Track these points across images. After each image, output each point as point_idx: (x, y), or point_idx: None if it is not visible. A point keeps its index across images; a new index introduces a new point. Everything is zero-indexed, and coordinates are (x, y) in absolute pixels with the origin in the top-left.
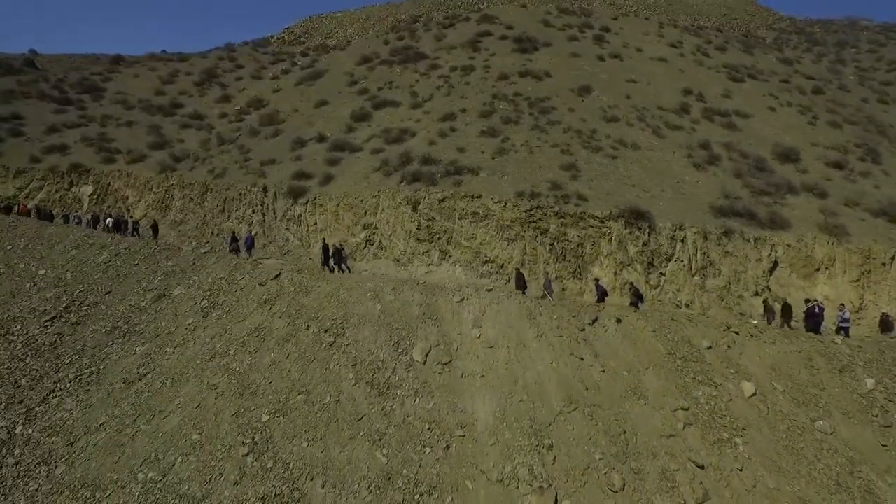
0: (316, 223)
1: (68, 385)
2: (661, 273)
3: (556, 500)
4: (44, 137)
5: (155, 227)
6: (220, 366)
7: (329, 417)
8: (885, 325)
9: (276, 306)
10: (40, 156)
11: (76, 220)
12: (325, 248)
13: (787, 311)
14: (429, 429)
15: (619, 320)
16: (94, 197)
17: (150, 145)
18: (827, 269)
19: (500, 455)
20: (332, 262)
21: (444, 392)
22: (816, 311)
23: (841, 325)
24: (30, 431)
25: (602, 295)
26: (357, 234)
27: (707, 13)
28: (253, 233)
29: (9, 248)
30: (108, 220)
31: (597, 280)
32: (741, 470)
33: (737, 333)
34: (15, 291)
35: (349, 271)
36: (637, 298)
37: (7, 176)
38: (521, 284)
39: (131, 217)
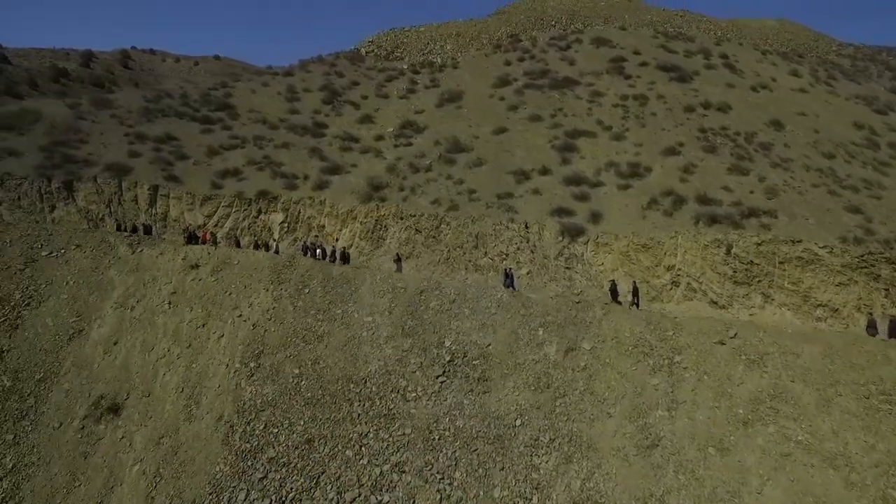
0: (603, 263)
1: (549, 451)
2: None
3: None
4: (208, 160)
5: (398, 261)
6: (773, 434)
7: None
8: None
9: (770, 369)
10: (218, 181)
11: (273, 251)
12: (614, 288)
13: None
14: None
15: None
16: (285, 225)
17: (322, 170)
18: None
19: None
20: (634, 300)
21: None
22: None
23: None
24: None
25: None
26: (661, 276)
27: (774, 39)
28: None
29: (306, 291)
30: (318, 251)
31: None
32: None
33: None
34: (354, 341)
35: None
36: None
37: (194, 203)
38: None
39: (343, 249)
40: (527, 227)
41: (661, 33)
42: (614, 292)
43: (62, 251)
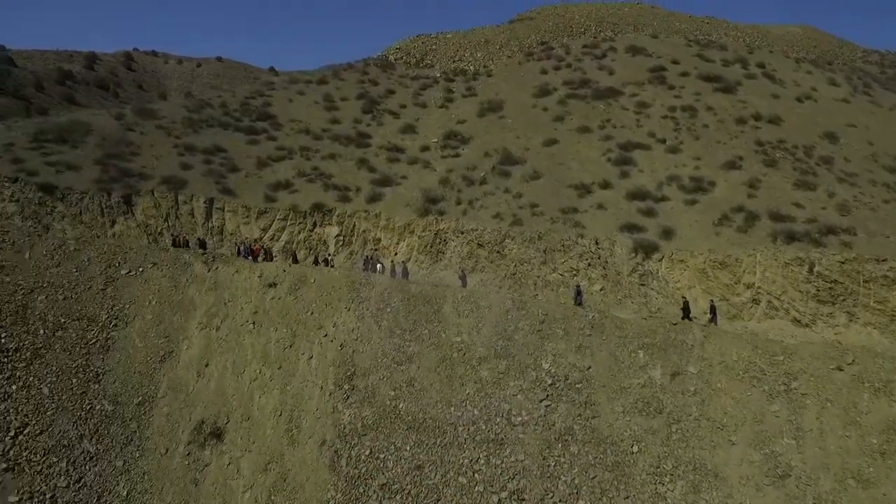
0: (679, 281)
1: (674, 479)
2: None
3: None
4: (258, 172)
5: (463, 277)
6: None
7: None
8: None
9: None
10: (270, 193)
11: (330, 265)
12: (686, 305)
13: None
14: None
15: None
16: (341, 238)
17: (373, 182)
18: None
19: None
20: (712, 317)
21: None
22: None
23: None
24: None
25: None
26: (740, 294)
27: (800, 46)
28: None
29: (388, 310)
30: (378, 265)
31: None
32: None
33: None
34: (447, 362)
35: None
36: None
37: (250, 217)
38: None
39: (403, 263)
40: (597, 242)
41: (694, 41)
42: (686, 309)
43: (140, 269)
